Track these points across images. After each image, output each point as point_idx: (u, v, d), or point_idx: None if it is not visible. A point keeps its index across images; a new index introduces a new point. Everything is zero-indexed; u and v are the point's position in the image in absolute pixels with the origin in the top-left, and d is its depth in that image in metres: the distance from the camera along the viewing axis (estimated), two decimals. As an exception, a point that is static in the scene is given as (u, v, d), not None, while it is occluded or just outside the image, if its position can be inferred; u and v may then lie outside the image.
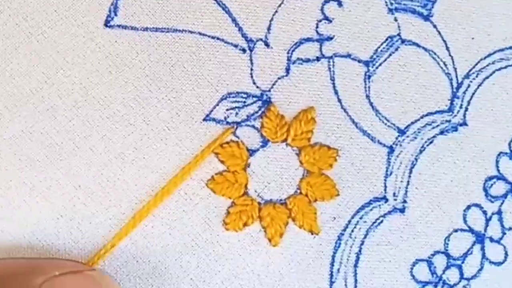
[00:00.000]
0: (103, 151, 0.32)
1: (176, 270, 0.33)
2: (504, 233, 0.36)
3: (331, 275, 0.34)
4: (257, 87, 0.34)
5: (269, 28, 0.34)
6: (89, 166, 0.32)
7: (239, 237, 0.33)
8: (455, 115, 0.36)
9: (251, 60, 0.34)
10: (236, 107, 0.33)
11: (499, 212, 0.36)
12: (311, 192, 0.34)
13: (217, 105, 0.33)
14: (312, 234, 0.34)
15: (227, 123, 0.33)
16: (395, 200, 0.35)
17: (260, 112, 0.34)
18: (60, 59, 0.32)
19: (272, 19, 0.34)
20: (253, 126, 0.34)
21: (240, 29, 0.34)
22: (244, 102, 0.33)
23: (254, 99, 0.34)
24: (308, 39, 0.34)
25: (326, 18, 0.35)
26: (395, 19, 0.36)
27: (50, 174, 0.32)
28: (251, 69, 0.34)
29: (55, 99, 0.32)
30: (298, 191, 0.34)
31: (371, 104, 0.35)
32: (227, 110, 0.33)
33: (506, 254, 0.37)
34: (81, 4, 0.32)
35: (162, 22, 0.33)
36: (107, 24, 0.32)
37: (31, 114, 0.32)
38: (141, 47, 0.33)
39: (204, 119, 0.33)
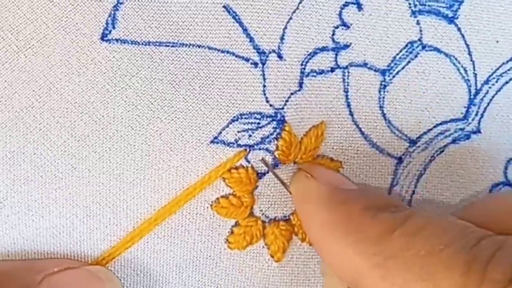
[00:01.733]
0: (101, 172, 0.30)
1: (177, 284, 0.32)
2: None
3: (331, 283, 0.34)
4: (271, 105, 0.31)
5: (282, 38, 0.31)
6: (87, 186, 0.30)
7: (241, 254, 0.33)
8: (470, 123, 0.34)
9: (263, 75, 0.31)
10: (249, 129, 0.31)
11: (501, 216, 0.36)
12: (315, 206, 0.33)
13: (227, 126, 0.31)
14: (314, 246, 0.34)
15: (238, 145, 0.31)
16: (399, 209, 0.34)
17: (275, 133, 0.31)
18: (52, 76, 0.29)
19: (285, 27, 0.31)
20: (266, 149, 0.32)
21: (251, 40, 0.30)
22: (258, 123, 0.31)
23: (268, 119, 0.31)
24: (323, 48, 0.32)
25: (343, 24, 0.32)
26: (417, 23, 0.33)
27: (46, 194, 0.30)
28: (264, 85, 0.31)
29: (47, 118, 0.29)
30: (303, 206, 0.33)
31: (383, 115, 0.33)
32: (238, 132, 0.31)
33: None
34: (74, 15, 0.29)
35: (166, 36, 0.30)
36: (104, 37, 0.29)
37: (22, 134, 0.29)
38: (142, 63, 0.30)
39: (212, 141, 0.31)
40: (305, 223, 0.31)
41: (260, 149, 0.31)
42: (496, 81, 0.34)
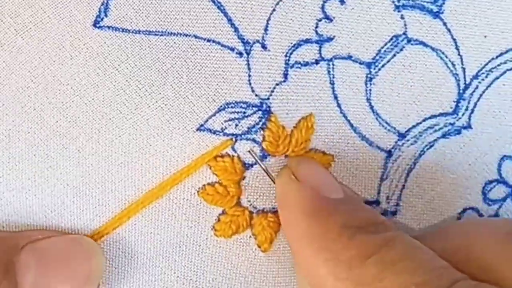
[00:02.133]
0: (90, 153, 0.32)
1: (163, 267, 0.33)
2: (499, 236, 0.36)
3: (319, 276, 0.34)
4: (256, 95, 0.32)
5: (266, 29, 0.32)
6: (77, 166, 0.32)
7: (228, 242, 0.33)
8: (460, 118, 0.35)
9: (248, 65, 0.32)
10: (235, 118, 0.32)
11: (496, 215, 0.36)
12: (303, 197, 0.33)
13: (214, 115, 0.32)
14: (302, 237, 0.34)
15: (225, 134, 0.32)
16: (388, 203, 0.35)
17: (260, 123, 0.32)
18: (46, 58, 0.31)
19: (269, 18, 0.32)
20: (253, 140, 0.32)
21: (236, 30, 0.32)
22: (244, 113, 0.32)
23: (254, 109, 0.32)
24: (307, 41, 0.33)
25: (326, 17, 0.33)
26: (402, 17, 0.33)
27: (38, 172, 0.32)
28: (249, 75, 0.32)
29: (41, 98, 0.31)
30: (290, 196, 0.33)
31: (371, 107, 0.34)
32: (225, 121, 0.32)
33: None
34: (70, 2, 0.31)
35: (155, 25, 0.31)
36: (96, 24, 0.31)
37: (17, 113, 0.31)
38: (132, 50, 0.31)
39: (199, 129, 0.32)
40: (284, 225, 0.32)
41: (247, 139, 0.32)
42: (486, 76, 0.34)
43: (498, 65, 0.35)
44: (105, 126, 0.32)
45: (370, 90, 0.34)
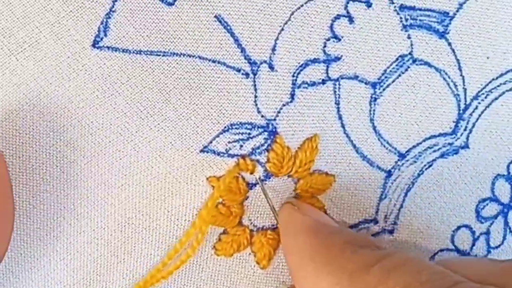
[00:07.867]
0: (89, 176, 0.30)
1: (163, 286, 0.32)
2: (489, 252, 0.37)
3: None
4: (262, 116, 0.31)
5: (273, 49, 0.31)
6: (74, 189, 0.31)
7: (228, 260, 0.33)
8: (458, 138, 0.35)
9: (254, 85, 0.31)
10: (240, 139, 0.31)
11: (487, 232, 0.36)
12: (302, 216, 0.33)
13: (218, 136, 0.31)
14: (300, 256, 0.34)
15: (229, 155, 0.31)
16: (386, 222, 0.35)
17: (266, 145, 0.31)
18: (43, 80, 0.29)
19: (277, 38, 0.31)
20: (257, 161, 0.32)
21: (243, 50, 0.31)
22: (249, 134, 0.31)
23: (260, 130, 0.31)
24: (314, 60, 0.32)
25: (335, 36, 0.32)
26: (408, 37, 0.33)
27: (33, 195, 0.30)
28: (255, 96, 0.31)
29: (37, 121, 0.30)
30: (291, 216, 0.33)
31: (374, 128, 0.33)
32: (229, 142, 0.31)
33: (488, 269, 0.37)
34: (67, 22, 0.29)
35: (158, 45, 0.30)
36: (95, 44, 0.29)
37: (11, 136, 0.30)
38: (133, 71, 0.30)
39: (202, 150, 0.31)
40: (286, 250, 0.31)
41: (251, 160, 0.31)
42: (486, 97, 0.34)
43: (498, 86, 0.34)
44: (105, 150, 0.30)
45: (374, 110, 0.33)
